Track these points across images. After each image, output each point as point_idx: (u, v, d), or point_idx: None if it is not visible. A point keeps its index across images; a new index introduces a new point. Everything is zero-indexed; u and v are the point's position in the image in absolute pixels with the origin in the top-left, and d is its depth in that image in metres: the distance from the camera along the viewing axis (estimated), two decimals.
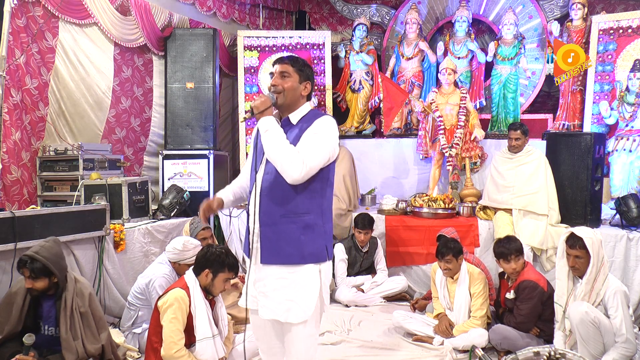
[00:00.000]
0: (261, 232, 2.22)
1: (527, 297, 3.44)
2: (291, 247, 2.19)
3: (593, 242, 3.00)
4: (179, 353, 2.75)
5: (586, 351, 2.93)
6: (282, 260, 2.20)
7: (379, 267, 4.77)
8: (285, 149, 2.12)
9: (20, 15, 4.12)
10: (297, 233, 2.20)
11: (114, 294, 3.89)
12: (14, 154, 4.17)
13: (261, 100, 2.19)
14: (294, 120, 2.27)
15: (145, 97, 5.52)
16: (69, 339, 2.72)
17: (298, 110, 2.29)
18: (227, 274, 2.90)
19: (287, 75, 2.25)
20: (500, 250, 3.59)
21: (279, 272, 2.21)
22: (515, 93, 5.96)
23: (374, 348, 3.62)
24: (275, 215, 2.20)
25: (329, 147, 2.20)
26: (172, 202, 4.71)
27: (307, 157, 2.12)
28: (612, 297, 2.97)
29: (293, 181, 2.14)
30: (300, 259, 2.20)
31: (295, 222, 2.20)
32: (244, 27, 6.76)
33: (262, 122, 2.17)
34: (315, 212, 2.24)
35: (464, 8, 6.23)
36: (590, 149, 4.32)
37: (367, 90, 6.39)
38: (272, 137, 2.14)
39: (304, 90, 2.30)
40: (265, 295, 2.23)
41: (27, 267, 2.69)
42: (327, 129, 2.22)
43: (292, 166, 2.10)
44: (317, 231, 2.25)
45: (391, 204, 5.14)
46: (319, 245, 2.25)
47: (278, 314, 2.20)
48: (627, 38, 5.48)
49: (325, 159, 2.18)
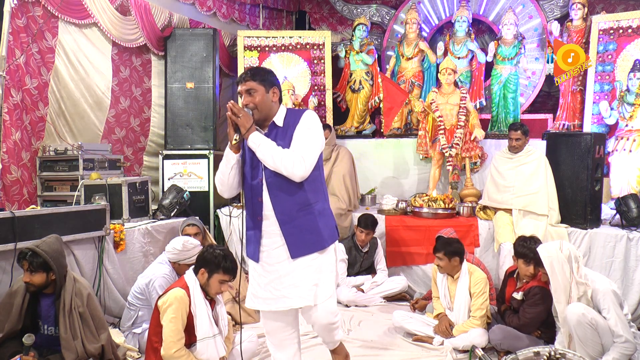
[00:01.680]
0: (282, 231, 2.39)
1: (536, 303, 3.41)
2: (314, 236, 2.41)
3: (552, 261, 3.00)
4: (179, 353, 2.74)
5: (585, 352, 2.92)
6: (309, 249, 2.40)
7: (379, 267, 4.77)
8: (283, 155, 2.30)
9: (20, 15, 4.12)
10: (315, 222, 2.41)
11: (114, 294, 3.89)
12: (14, 154, 4.17)
13: (245, 118, 2.32)
14: (280, 123, 2.43)
15: (144, 97, 5.52)
16: (69, 338, 2.72)
17: (278, 114, 2.44)
18: (222, 276, 2.89)
19: (254, 91, 2.38)
20: (524, 251, 3.51)
21: (306, 261, 2.41)
22: (515, 93, 5.95)
23: (374, 348, 3.62)
24: (292, 212, 2.38)
25: (320, 138, 2.42)
26: (172, 202, 4.70)
27: (305, 154, 2.31)
28: (603, 299, 2.95)
29: (300, 179, 2.33)
30: (323, 244, 2.44)
31: (311, 212, 2.41)
32: (244, 27, 6.76)
33: (252, 139, 2.33)
34: (321, 199, 2.47)
35: (464, 8, 6.23)
36: (590, 149, 4.32)
37: (367, 90, 6.39)
38: (267, 149, 2.31)
39: (273, 96, 2.44)
40: (296, 286, 2.40)
41: (26, 259, 2.71)
42: (314, 122, 2.42)
43: (295, 167, 2.29)
44: (327, 214, 2.50)
45: (391, 204, 5.14)
46: (331, 226, 2.51)
47: (309, 299, 2.40)
48: (627, 38, 5.49)
49: (320, 150, 2.39)
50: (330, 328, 2.56)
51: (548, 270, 3.03)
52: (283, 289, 2.41)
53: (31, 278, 2.71)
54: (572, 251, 3.06)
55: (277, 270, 2.42)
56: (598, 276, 3.13)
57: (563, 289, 3.02)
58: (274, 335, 2.59)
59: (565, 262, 3.01)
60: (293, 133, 2.37)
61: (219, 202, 5.51)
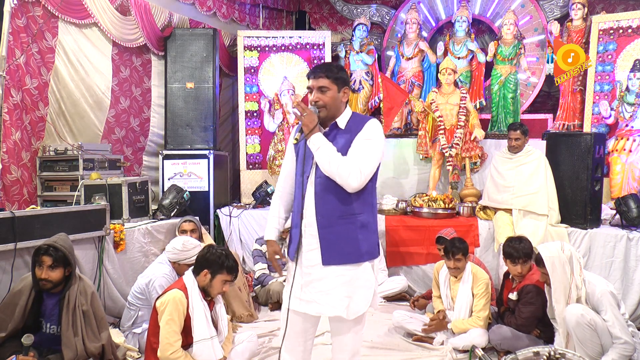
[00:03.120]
0: (320, 234, 2.29)
1: (529, 301, 3.42)
2: (350, 247, 2.29)
3: (553, 261, 3.01)
4: (175, 355, 2.74)
5: (584, 353, 2.92)
6: (343, 260, 2.29)
7: (379, 267, 4.77)
8: (341, 163, 2.21)
9: (20, 15, 4.12)
10: (354, 233, 2.29)
11: (113, 294, 3.89)
12: (14, 154, 4.17)
13: (309, 118, 2.24)
14: (342, 125, 2.34)
15: (144, 97, 5.52)
16: (70, 335, 2.73)
17: (343, 115, 2.36)
18: (225, 276, 2.90)
19: (326, 89, 2.30)
20: (510, 251, 3.54)
21: (339, 270, 2.29)
22: (515, 93, 5.95)
23: (374, 348, 3.62)
24: (333, 217, 2.28)
25: (380, 151, 2.32)
26: (172, 202, 4.71)
27: (363, 166, 2.23)
28: (600, 300, 2.96)
29: (353, 190, 2.24)
30: (359, 257, 2.31)
31: (353, 222, 2.29)
32: (244, 27, 6.76)
33: (313, 140, 2.24)
34: (368, 211, 2.34)
35: (464, 8, 6.23)
36: (590, 149, 4.32)
37: (367, 90, 6.39)
38: (326, 153, 2.22)
39: (343, 96, 2.36)
40: (327, 293, 2.30)
41: (49, 254, 2.69)
42: (378, 133, 2.32)
43: (351, 177, 2.21)
44: (370, 229, 2.36)
45: (391, 204, 5.14)
46: (372, 242, 2.37)
47: (340, 310, 2.29)
48: (627, 38, 5.48)
49: (378, 163, 2.30)
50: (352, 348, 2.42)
51: (549, 269, 3.03)
52: (314, 294, 2.32)
53: (50, 274, 2.70)
54: (573, 253, 3.08)
55: (310, 274, 2.33)
56: (595, 277, 3.13)
57: (563, 289, 3.02)
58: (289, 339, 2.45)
59: (567, 263, 3.02)
60: (352, 139, 2.28)
61: (219, 202, 5.52)
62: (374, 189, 2.40)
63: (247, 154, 6.09)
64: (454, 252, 3.66)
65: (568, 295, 3.01)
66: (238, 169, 6.16)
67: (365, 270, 2.33)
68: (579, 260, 3.06)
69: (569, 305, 3.01)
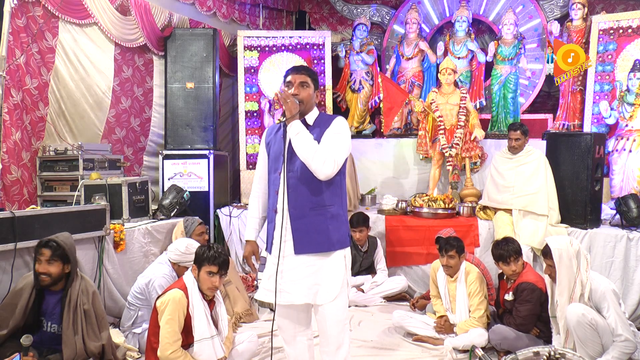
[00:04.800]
0: (292, 225, 2.45)
1: (525, 299, 3.43)
2: (321, 237, 2.45)
3: (561, 253, 3.02)
4: (175, 354, 2.75)
5: (584, 352, 2.92)
6: (314, 249, 2.45)
7: (379, 267, 4.77)
8: (318, 150, 2.37)
9: (20, 15, 4.12)
10: (325, 223, 2.46)
11: (113, 294, 3.89)
12: (14, 154, 4.17)
13: (293, 104, 2.41)
14: (310, 122, 2.53)
15: (145, 97, 5.52)
16: (70, 333, 2.74)
17: (311, 113, 2.54)
18: (208, 267, 2.88)
19: (307, 86, 2.51)
20: (499, 252, 3.59)
21: (309, 260, 2.46)
22: (515, 93, 5.96)
23: (374, 348, 3.62)
24: (305, 209, 2.44)
25: (349, 144, 2.51)
26: (172, 202, 4.70)
27: (336, 155, 2.39)
28: (603, 298, 2.96)
29: (325, 177, 2.39)
30: (330, 247, 2.47)
31: (323, 213, 2.46)
32: (244, 27, 6.76)
33: (293, 126, 2.41)
34: (337, 203, 2.51)
35: (464, 8, 6.24)
36: (590, 149, 4.32)
37: (367, 90, 6.39)
38: (304, 139, 2.38)
39: (316, 97, 2.60)
40: (296, 282, 2.46)
41: (48, 246, 2.74)
42: (345, 128, 2.52)
43: (326, 164, 2.36)
44: (340, 220, 2.52)
45: (391, 204, 5.14)
46: (343, 232, 2.53)
47: (309, 297, 2.46)
48: (627, 38, 5.48)
49: (346, 155, 2.47)
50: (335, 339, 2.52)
51: (556, 261, 3.03)
52: (284, 284, 2.47)
53: (48, 268, 2.74)
54: (581, 249, 3.10)
55: (281, 264, 2.47)
56: (597, 275, 3.14)
57: (567, 282, 3.02)
58: (285, 330, 2.64)
59: (574, 257, 3.04)
60: (322, 133, 2.45)
61: (219, 202, 5.52)
62: (343, 182, 2.56)
63: (247, 154, 6.08)
64: (447, 248, 3.68)
65: (572, 290, 3.01)
66: (238, 169, 6.16)
67: (336, 258, 2.49)
68: (586, 257, 3.08)
69: (571, 304, 3.01)
